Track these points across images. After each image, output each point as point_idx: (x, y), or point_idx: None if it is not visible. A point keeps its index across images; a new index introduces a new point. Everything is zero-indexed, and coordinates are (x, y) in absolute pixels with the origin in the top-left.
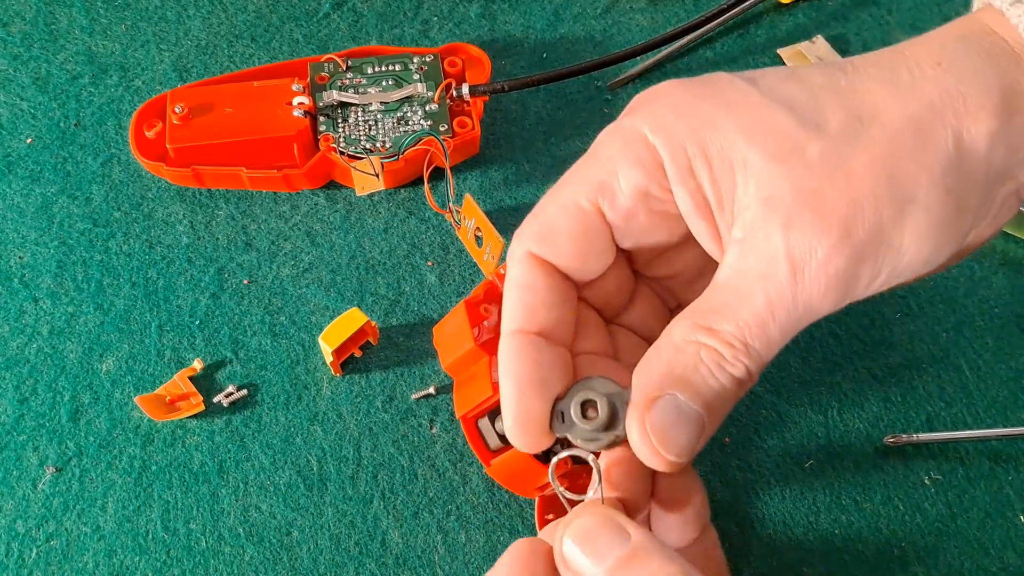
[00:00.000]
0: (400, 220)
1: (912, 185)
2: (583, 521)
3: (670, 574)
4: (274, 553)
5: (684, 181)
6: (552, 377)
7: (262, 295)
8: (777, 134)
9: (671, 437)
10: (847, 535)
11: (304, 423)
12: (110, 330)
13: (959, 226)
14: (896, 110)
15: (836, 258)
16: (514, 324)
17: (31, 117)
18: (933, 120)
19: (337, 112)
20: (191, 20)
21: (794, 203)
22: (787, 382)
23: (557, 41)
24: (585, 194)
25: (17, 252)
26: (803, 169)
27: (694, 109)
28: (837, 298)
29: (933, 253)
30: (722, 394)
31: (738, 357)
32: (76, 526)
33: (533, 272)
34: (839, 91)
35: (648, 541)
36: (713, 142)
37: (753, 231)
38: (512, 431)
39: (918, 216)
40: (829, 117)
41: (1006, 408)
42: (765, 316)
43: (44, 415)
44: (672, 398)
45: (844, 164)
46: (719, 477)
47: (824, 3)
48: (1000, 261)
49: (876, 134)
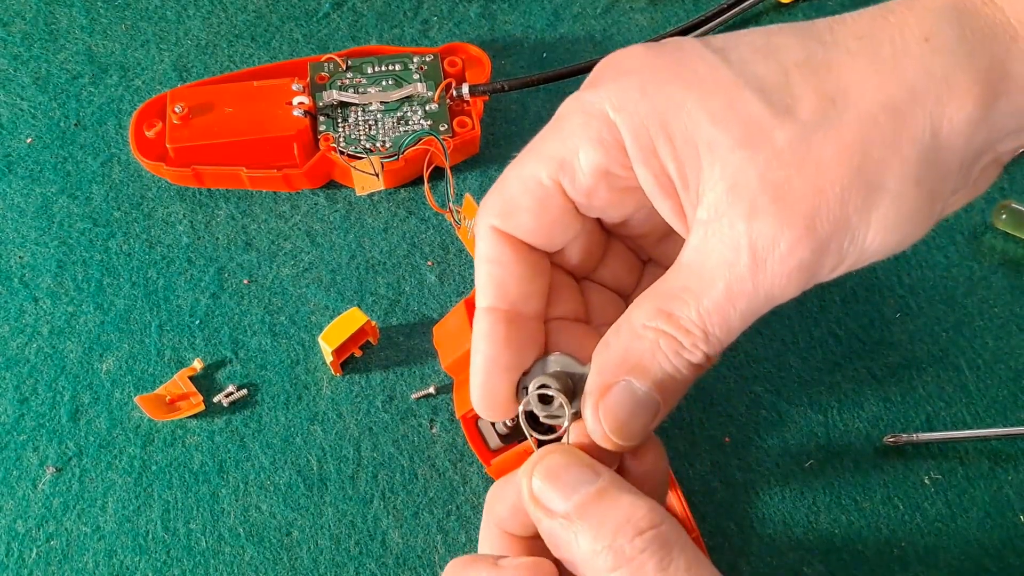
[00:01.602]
0: (400, 220)
1: (883, 174)
2: (553, 458)
3: (638, 513)
4: (274, 553)
5: (647, 162)
6: (519, 356)
7: (262, 295)
8: (745, 118)
9: (624, 423)
10: (847, 535)
11: (304, 423)
12: (110, 330)
13: (930, 215)
14: (872, 92)
15: (799, 251)
16: (485, 300)
17: (31, 117)
18: (912, 106)
19: (337, 112)
20: (191, 20)
21: (759, 191)
22: (787, 382)
23: (557, 41)
24: (546, 171)
25: (17, 252)
26: (770, 156)
27: (658, 86)
28: (799, 286)
29: (899, 243)
30: (678, 379)
31: (696, 344)
32: (76, 526)
33: (500, 246)
34: (814, 69)
35: (616, 480)
36: (677, 122)
37: (718, 215)
38: (477, 404)
39: (887, 208)
40: (801, 99)
41: (1006, 408)
42: (725, 305)
43: (44, 415)
44: (627, 384)
45: (813, 152)
46: (719, 477)
47: (824, 3)
48: (1000, 261)
49: (848, 119)
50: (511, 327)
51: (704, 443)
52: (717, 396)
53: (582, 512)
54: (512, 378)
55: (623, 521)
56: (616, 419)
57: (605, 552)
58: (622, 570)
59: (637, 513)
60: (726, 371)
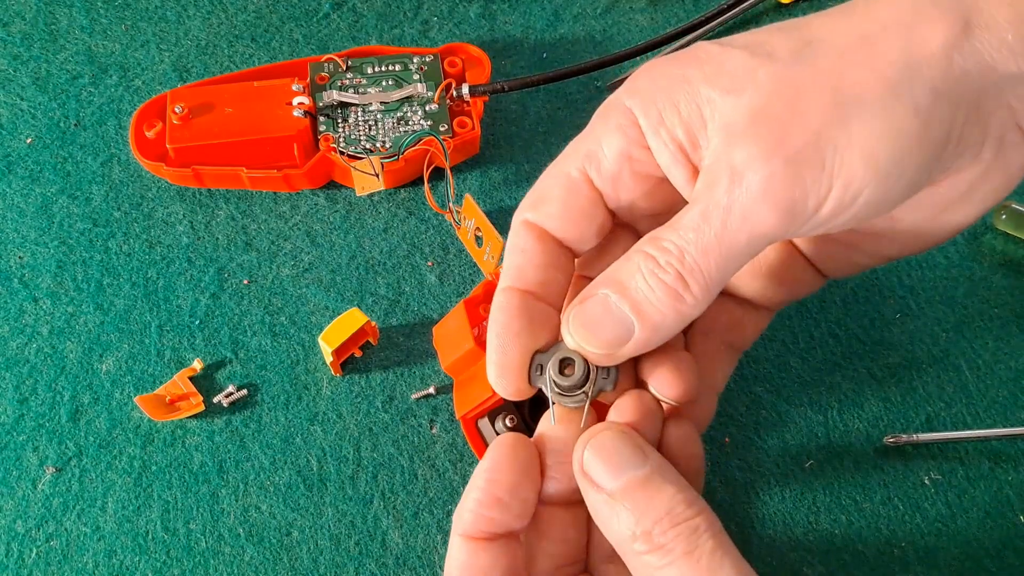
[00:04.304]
0: (400, 220)
1: (859, 92)
2: (606, 436)
3: (678, 507)
4: (274, 553)
5: (657, 132)
6: (532, 329)
7: (262, 295)
8: (732, 69)
9: (595, 329)
10: (847, 535)
11: (304, 423)
12: (110, 330)
13: (924, 139)
14: (845, 30)
15: (771, 164)
16: (504, 282)
17: (31, 117)
18: (884, 35)
19: (337, 112)
20: (191, 20)
21: (744, 124)
22: (787, 382)
23: (557, 41)
24: (575, 164)
25: (17, 252)
26: (753, 92)
27: (665, 72)
28: (780, 212)
29: (892, 166)
30: (653, 300)
31: (671, 263)
32: (76, 526)
33: (526, 237)
34: (793, 27)
35: (665, 467)
36: (680, 92)
37: (713, 157)
38: (492, 375)
39: (867, 119)
40: (779, 46)
41: (1006, 408)
42: (701, 223)
43: (44, 415)
44: (604, 296)
45: (791, 82)
46: (719, 477)
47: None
48: (1000, 261)
49: (824, 51)
50: (526, 301)
51: (704, 443)
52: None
53: (626, 495)
54: (524, 344)
55: (663, 512)
56: (583, 322)
57: (643, 538)
58: (656, 554)
59: (677, 507)
60: None
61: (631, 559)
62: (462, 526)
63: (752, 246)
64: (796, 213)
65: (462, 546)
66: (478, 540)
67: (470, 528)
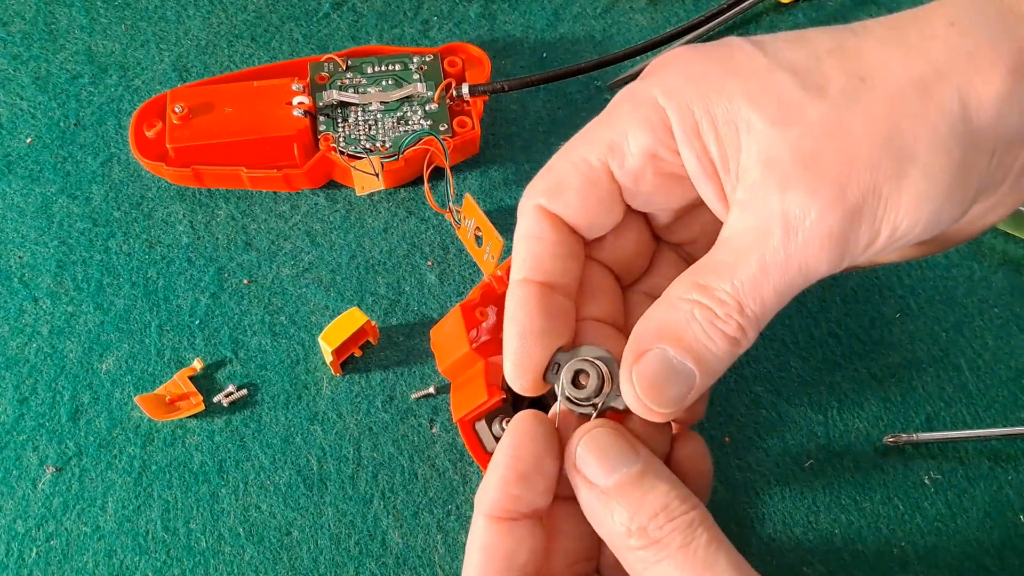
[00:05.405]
0: (400, 220)
1: (912, 144)
2: (599, 432)
3: (673, 503)
4: (274, 553)
5: (691, 143)
6: (553, 326)
7: (262, 295)
8: (779, 97)
9: (659, 389)
10: (847, 535)
11: (304, 423)
12: (110, 330)
13: (963, 190)
14: (900, 70)
15: (830, 217)
16: (520, 273)
17: (31, 117)
18: (939, 81)
19: (337, 112)
20: (191, 20)
21: (792, 165)
22: (787, 382)
23: (557, 41)
24: (595, 153)
25: (17, 252)
26: (802, 131)
27: (702, 74)
28: (833, 259)
29: (933, 215)
30: (713, 351)
31: (730, 315)
32: (76, 526)
33: (542, 224)
34: (844, 53)
35: (656, 465)
36: (719, 105)
37: (753, 193)
38: (510, 374)
39: (917, 176)
40: (831, 79)
41: (1005, 408)
42: (759, 276)
43: (44, 415)
44: (662, 351)
45: (843, 125)
46: (719, 477)
47: (824, 3)
48: (1000, 261)
49: (877, 94)
50: (545, 295)
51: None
52: (717, 396)
53: (621, 491)
54: (546, 344)
55: (659, 508)
56: (650, 383)
57: (639, 533)
58: (651, 549)
59: (672, 503)
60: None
61: (625, 555)
62: (487, 505)
63: (802, 288)
64: (845, 258)
65: (487, 527)
66: (503, 520)
67: (496, 507)
